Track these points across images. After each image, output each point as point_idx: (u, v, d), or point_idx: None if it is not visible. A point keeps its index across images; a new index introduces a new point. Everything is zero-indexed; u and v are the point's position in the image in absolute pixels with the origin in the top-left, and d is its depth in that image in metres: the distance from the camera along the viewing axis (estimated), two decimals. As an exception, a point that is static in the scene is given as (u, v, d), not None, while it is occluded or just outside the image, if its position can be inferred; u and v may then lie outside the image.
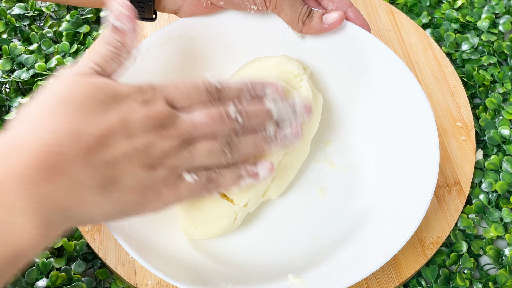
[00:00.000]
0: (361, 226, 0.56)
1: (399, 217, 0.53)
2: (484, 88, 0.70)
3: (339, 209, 0.59)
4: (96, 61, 0.44)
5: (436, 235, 0.58)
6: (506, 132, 0.65)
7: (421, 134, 0.55)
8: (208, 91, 0.46)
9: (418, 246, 0.57)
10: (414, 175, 0.55)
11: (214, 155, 0.45)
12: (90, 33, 0.74)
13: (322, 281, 0.51)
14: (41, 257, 0.58)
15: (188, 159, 0.44)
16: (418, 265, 0.56)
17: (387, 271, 0.56)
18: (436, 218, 0.59)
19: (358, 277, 0.49)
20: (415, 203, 0.52)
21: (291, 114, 0.48)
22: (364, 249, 0.53)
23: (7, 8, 0.75)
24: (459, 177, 0.61)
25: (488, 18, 0.74)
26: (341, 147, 0.62)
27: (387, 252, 0.50)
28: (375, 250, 0.51)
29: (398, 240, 0.50)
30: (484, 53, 0.72)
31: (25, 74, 0.69)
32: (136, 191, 0.41)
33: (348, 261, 0.52)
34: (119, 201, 0.41)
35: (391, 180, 0.57)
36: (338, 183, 0.60)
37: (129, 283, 0.55)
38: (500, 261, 0.59)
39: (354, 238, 0.55)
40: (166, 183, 0.43)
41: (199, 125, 0.44)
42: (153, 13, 0.57)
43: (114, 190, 0.40)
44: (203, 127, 0.44)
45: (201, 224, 0.53)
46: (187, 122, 0.44)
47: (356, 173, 0.61)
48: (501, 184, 0.62)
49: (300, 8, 0.56)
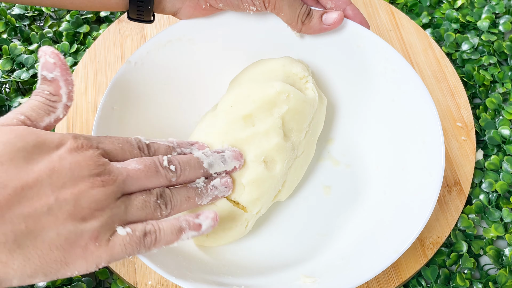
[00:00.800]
0: (369, 222, 0.56)
1: (407, 212, 0.53)
2: (484, 88, 0.70)
3: (345, 206, 0.59)
4: (24, 112, 0.41)
5: (436, 235, 0.58)
6: (506, 132, 0.65)
7: (425, 129, 0.55)
8: (139, 146, 0.45)
9: (418, 247, 0.57)
10: (419, 169, 0.54)
11: (149, 207, 0.43)
12: (90, 33, 0.73)
13: (333, 279, 0.51)
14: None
15: (122, 211, 0.41)
16: (418, 265, 0.56)
17: (387, 272, 0.56)
18: (436, 218, 0.59)
19: (370, 274, 0.48)
20: (422, 197, 0.52)
21: (220, 161, 0.49)
22: (373, 246, 0.53)
23: (7, 8, 0.75)
24: (459, 177, 0.61)
25: (488, 18, 0.74)
26: (344, 144, 0.63)
27: (398, 248, 0.49)
28: (385, 246, 0.51)
29: (409, 235, 0.50)
30: (484, 53, 0.72)
31: (25, 74, 0.69)
32: (58, 247, 0.37)
33: (358, 259, 0.52)
34: (37, 260, 0.37)
35: (396, 175, 0.57)
36: (343, 180, 0.61)
37: (129, 283, 0.55)
38: (500, 261, 0.59)
39: (362, 235, 0.55)
40: (96, 238, 0.39)
41: (134, 172, 0.42)
42: (151, 15, 0.57)
43: (30, 246, 0.37)
44: (138, 175, 0.42)
45: (212, 232, 0.52)
46: (121, 170, 0.42)
47: (360, 169, 0.61)
48: (501, 184, 0.62)
49: (299, 8, 0.56)
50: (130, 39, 0.69)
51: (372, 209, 0.57)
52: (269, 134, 0.53)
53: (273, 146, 0.53)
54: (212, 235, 0.53)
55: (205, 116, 0.57)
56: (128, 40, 0.69)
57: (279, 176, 0.53)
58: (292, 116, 0.55)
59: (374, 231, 0.55)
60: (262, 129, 0.53)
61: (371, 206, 0.57)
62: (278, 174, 0.53)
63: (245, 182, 0.52)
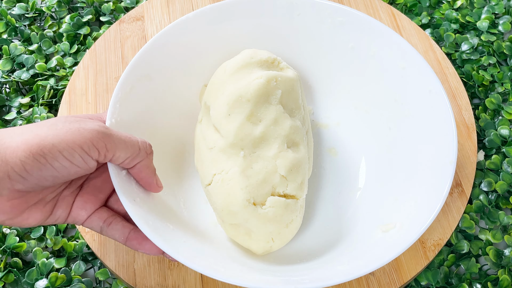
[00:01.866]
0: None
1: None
2: (484, 88, 0.70)
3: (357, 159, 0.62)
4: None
5: (437, 236, 0.58)
6: (506, 132, 0.66)
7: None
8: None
9: (420, 248, 0.57)
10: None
11: None
12: (90, 34, 0.73)
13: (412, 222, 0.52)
14: (41, 257, 0.58)
15: None
16: (419, 267, 0.56)
17: (388, 273, 0.56)
18: (437, 220, 0.59)
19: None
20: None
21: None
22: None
23: (7, 8, 0.75)
24: (460, 179, 0.61)
25: (487, 19, 0.74)
26: (324, 108, 0.65)
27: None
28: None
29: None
30: (483, 53, 0.72)
31: (25, 74, 0.69)
32: None
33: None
34: None
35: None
36: (340, 139, 0.63)
37: (128, 284, 0.55)
38: (499, 261, 0.59)
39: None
40: None
41: None
42: None
43: None
44: None
45: (277, 233, 0.53)
46: None
47: (349, 128, 0.64)
48: (500, 184, 0.62)
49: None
50: (131, 40, 0.69)
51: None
52: (279, 121, 0.54)
53: (289, 130, 0.54)
54: (277, 237, 0.53)
55: (203, 135, 0.56)
56: (128, 41, 0.69)
57: (305, 153, 0.55)
58: (287, 97, 0.56)
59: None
60: (270, 120, 0.54)
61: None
62: (304, 152, 0.55)
63: (284, 173, 0.52)
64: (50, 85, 0.68)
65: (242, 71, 0.57)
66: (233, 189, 0.51)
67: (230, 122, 0.54)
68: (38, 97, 0.68)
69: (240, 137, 0.53)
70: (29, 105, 0.68)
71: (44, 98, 0.68)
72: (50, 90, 0.68)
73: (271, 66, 0.58)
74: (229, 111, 0.54)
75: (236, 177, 0.52)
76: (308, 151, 0.58)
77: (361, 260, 0.50)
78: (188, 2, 0.73)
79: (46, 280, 0.56)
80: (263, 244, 0.53)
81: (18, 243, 0.58)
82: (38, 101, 0.68)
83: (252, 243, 0.53)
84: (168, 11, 0.72)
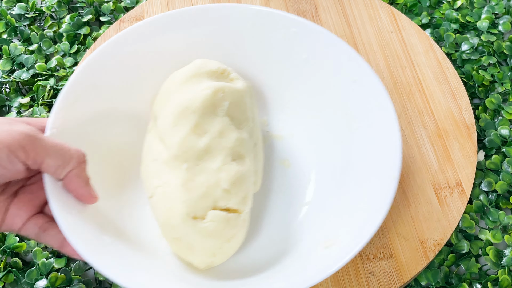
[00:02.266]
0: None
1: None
2: (484, 88, 0.70)
3: (308, 170, 0.60)
4: None
5: (437, 236, 0.58)
6: (506, 132, 0.66)
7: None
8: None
9: (420, 248, 0.57)
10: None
11: None
12: (90, 34, 0.73)
13: (352, 237, 0.50)
14: (41, 257, 0.58)
15: None
16: (419, 267, 0.56)
17: (388, 273, 0.56)
18: (437, 220, 0.59)
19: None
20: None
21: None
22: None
23: (7, 8, 0.75)
24: (460, 179, 0.61)
25: (488, 18, 0.74)
26: (278, 120, 0.64)
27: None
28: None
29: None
30: (483, 53, 0.72)
31: (25, 74, 0.69)
32: None
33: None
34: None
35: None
36: (293, 150, 0.62)
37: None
38: (499, 261, 0.59)
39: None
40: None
41: None
42: None
43: None
44: None
45: (218, 247, 0.51)
46: None
47: (301, 140, 0.62)
48: (501, 184, 0.62)
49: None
50: (131, 39, 0.69)
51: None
52: (224, 133, 0.53)
53: (234, 142, 0.53)
54: (219, 252, 0.52)
55: (149, 146, 0.56)
56: (128, 40, 0.69)
57: (251, 166, 0.54)
58: (235, 109, 0.55)
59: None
60: (215, 132, 0.53)
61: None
62: (249, 165, 0.54)
63: (227, 186, 0.51)
64: (50, 85, 0.68)
65: (190, 81, 0.56)
66: (174, 202, 0.50)
67: (175, 134, 0.52)
68: (38, 97, 0.68)
69: (184, 149, 0.52)
70: (29, 105, 0.68)
71: (44, 98, 0.68)
72: (50, 90, 0.68)
73: (221, 77, 0.57)
74: (175, 122, 0.53)
75: (177, 190, 0.50)
76: (257, 164, 0.56)
77: (299, 277, 0.49)
78: (188, 2, 0.73)
79: (46, 280, 0.56)
80: (205, 259, 0.51)
81: (18, 243, 0.58)
82: (38, 101, 0.68)
83: (194, 258, 0.51)
84: (168, 11, 0.72)
